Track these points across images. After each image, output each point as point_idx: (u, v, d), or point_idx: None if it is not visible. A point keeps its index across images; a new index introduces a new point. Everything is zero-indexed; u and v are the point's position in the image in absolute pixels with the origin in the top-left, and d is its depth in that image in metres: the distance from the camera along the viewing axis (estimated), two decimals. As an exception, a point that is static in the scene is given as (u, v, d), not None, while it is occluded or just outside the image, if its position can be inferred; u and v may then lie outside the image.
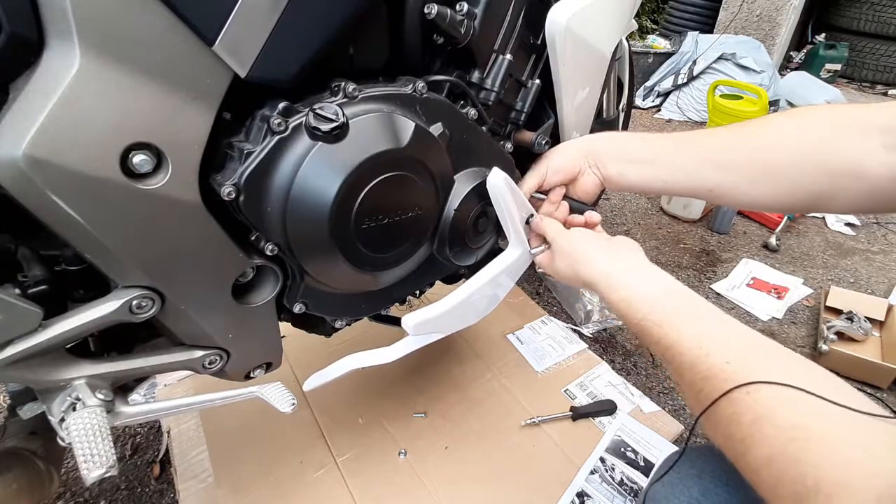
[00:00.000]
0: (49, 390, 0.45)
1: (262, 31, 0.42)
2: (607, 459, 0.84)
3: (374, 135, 0.52)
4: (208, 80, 0.41)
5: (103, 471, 0.41)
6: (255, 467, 0.81)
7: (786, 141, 0.53)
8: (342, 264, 0.55)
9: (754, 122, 0.56)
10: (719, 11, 3.02)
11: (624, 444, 0.87)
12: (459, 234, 0.67)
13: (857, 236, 1.62)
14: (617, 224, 1.63)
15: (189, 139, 0.41)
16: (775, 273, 1.41)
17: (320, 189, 0.49)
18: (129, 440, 0.92)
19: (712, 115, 2.15)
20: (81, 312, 0.41)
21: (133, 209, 0.39)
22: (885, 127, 0.46)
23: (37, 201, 0.35)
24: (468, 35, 0.61)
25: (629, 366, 1.09)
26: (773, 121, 0.55)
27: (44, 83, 0.34)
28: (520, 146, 0.79)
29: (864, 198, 0.49)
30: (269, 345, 0.58)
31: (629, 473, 0.82)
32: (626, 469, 0.82)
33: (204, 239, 0.45)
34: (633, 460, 0.84)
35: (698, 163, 0.58)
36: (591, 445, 0.87)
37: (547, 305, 1.25)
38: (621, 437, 0.88)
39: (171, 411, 0.53)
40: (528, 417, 0.90)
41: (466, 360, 1.03)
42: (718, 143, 0.58)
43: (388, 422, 0.89)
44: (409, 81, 0.56)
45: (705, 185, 0.57)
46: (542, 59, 0.76)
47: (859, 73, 3.18)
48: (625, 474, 0.81)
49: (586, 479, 0.80)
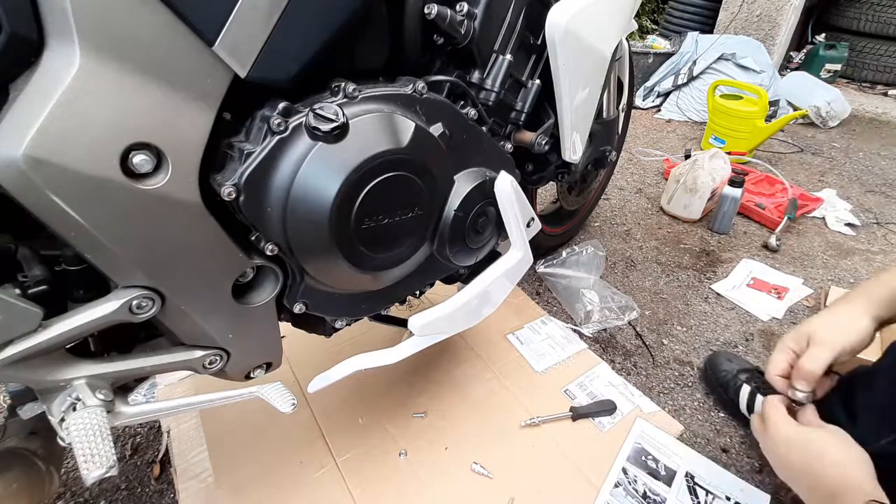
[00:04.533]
0: (49, 390, 0.45)
1: (262, 32, 0.42)
2: (629, 471, 0.83)
3: (375, 135, 0.52)
4: (208, 80, 0.41)
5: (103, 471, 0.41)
6: (255, 467, 0.81)
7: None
8: (342, 264, 0.55)
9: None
10: (719, 11, 3.02)
11: (644, 451, 0.86)
12: (459, 235, 0.67)
13: (857, 236, 1.62)
14: (617, 224, 1.63)
15: (189, 139, 0.41)
16: (775, 273, 1.41)
17: (320, 189, 0.49)
18: (129, 440, 0.92)
19: (712, 115, 2.15)
20: (81, 312, 0.41)
21: (133, 209, 0.39)
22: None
23: (37, 201, 0.35)
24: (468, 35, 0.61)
25: (629, 366, 1.09)
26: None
27: (44, 83, 0.34)
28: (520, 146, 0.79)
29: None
30: (269, 345, 0.59)
31: (651, 485, 0.81)
32: (648, 481, 0.81)
33: (204, 239, 0.45)
34: (655, 470, 0.83)
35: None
36: (592, 446, 0.87)
37: (547, 305, 1.25)
38: (641, 445, 0.87)
39: (171, 411, 0.53)
40: (527, 417, 0.90)
41: (466, 360, 1.03)
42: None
43: (388, 422, 0.89)
44: (409, 81, 0.56)
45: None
46: (542, 59, 0.76)
47: (859, 74, 3.18)
48: (648, 486, 0.81)
49: (611, 493, 0.80)
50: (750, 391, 0.93)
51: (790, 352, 0.63)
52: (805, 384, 0.60)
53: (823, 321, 0.62)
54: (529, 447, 0.86)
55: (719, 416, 0.98)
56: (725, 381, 0.98)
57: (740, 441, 0.93)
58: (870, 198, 1.87)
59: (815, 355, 0.60)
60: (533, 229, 0.75)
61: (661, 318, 1.23)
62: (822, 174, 2.06)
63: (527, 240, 0.70)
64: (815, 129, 2.54)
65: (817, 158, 2.21)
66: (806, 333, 0.62)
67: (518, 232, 0.68)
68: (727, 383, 0.98)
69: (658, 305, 1.27)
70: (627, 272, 1.40)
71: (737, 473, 0.85)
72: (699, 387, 1.04)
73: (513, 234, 0.68)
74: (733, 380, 0.97)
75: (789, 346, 0.63)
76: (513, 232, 0.68)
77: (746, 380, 0.95)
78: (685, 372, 1.08)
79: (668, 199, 1.67)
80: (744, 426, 0.96)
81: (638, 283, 1.36)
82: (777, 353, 0.64)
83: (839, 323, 0.61)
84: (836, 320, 0.62)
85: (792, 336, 0.64)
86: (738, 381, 0.96)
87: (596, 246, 1.36)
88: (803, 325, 0.64)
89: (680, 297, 1.31)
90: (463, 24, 0.59)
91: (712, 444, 0.92)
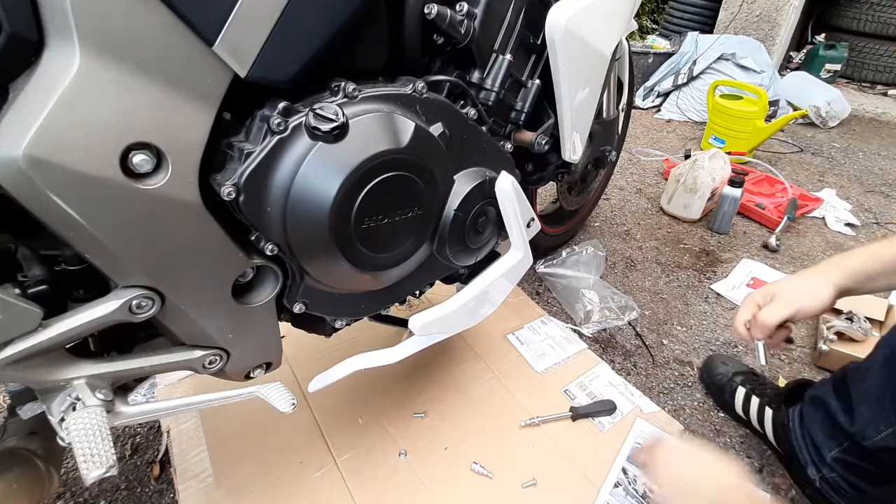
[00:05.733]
0: (49, 390, 0.45)
1: (262, 32, 0.42)
2: (629, 470, 0.83)
3: (374, 135, 0.52)
4: (208, 80, 0.41)
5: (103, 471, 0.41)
6: (254, 467, 0.81)
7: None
8: (342, 264, 0.55)
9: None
10: (719, 11, 3.02)
11: None
12: (459, 234, 0.67)
13: (856, 236, 1.62)
14: (617, 224, 1.63)
15: (189, 139, 0.41)
16: (775, 273, 1.41)
17: (320, 189, 0.49)
18: (129, 440, 0.92)
19: (712, 115, 2.15)
20: (81, 312, 0.41)
21: (133, 209, 0.39)
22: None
23: (37, 201, 0.35)
24: (468, 35, 0.61)
25: (629, 366, 1.09)
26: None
27: (44, 83, 0.34)
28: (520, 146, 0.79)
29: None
30: (269, 345, 0.59)
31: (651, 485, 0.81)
32: (647, 481, 0.82)
33: (204, 239, 0.45)
34: None
35: None
36: (592, 446, 0.87)
37: (547, 305, 1.25)
38: (641, 445, 0.87)
39: (171, 411, 0.53)
40: (527, 417, 0.90)
41: (466, 360, 1.03)
42: None
43: (387, 422, 0.89)
44: (409, 81, 0.56)
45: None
46: (542, 59, 0.76)
47: (859, 74, 3.18)
48: (647, 486, 0.80)
49: (610, 493, 0.79)
50: (745, 393, 0.94)
51: (756, 306, 0.70)
52: (759, 332, 0.69)
53: (789, 283, 0.71)
54: (529, 447, 0.86)
55: (719, 416, 0.98)
56: (721, 383, 0.99)
57: (740, 441, 0.93)
58: (870, 198, 1.88)
59: (772, 311, 0.68)
60: (533, 229, 0.75)
61: (660, 318, 1.23)
62: (821, 174, 2.06)
63: (527, 240, 0.70)
64: (814, 129, 2.54)
65: (817, 158, 2.21)
66: (771, 292, 0.70)
67: (518, 232, 0.68)
68: (723, 386, 0.98)
69: (658, 305, 1.27)
70: (627, 272, 1.40)
71: (737, 473, 0.85)
72: (699, 387, 1.04)
73: (513, 234, 0.68)
74: (729, 382, 0.97)
75: (756, 300, 0.71)
76: (513, 232, 0.68)
77: (742, 382, 0.95)
78: (685, 372, 1.08)
79: (668, 199, 1.67)
80: (742, 426, 0.96)
81: (638, 283, 1.36)
82: (743, 307, 0.72)
83: (802, 286, 0.68)
84: (800, 283, 0.69)
85: (759, 293, 0.72)
86: (733, 384, 0.96)
87: (596, 246, 1.36)
88: (772, 284, 0.72)
89: (680, 297, 1.31)
90: (463, 24, 0.59)
91: (712, 443, 0.92)
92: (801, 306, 0.66)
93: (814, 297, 0.66)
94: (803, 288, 0.68)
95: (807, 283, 0.68)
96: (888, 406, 0.67)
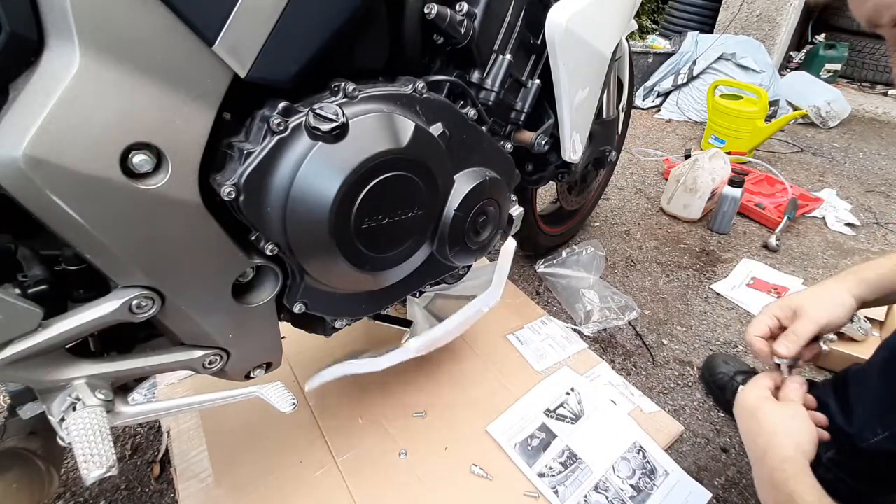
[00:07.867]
0: (49, 390, 0.45)
1: (262, 32, 0.42)
2: (627, 469, 0.84)
3: (374, 135, 0.52)
4: (208, 80, 0.41)
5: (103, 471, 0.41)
6: (254, 467, 0.81)
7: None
8: (342, 264, 0.55)
9: None
10: (719, 11, 3.02)
11: (643, 451, 0.87)
12: (459, 234, 0.67)
13: (857, 236, 1.62)
14: (617, 224, 1.63)
15: (189, 139, 0.41)
16: (775, 273, 1.41)
17: (320, 189, 0.49)
18: (129, 440, 0.92)
19: (712, 115, 2.15)
20: (81, 312, 0.41)
21: (133, 209, 0.39)
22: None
23: (37, 201, 0.35)
24: (468, 35, 0.61)
25: (629, 366, 1.09)
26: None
27: (44, 83, 0.34)
28: (520, 146, 0.79)
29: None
30: (269, 345, 0.59)
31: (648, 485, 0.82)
32: (647, 481, 0.82)
33: (204, 239, 0.45)
34: (652, 469, 0.85)
35: None
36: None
37: (547, 305, 1.25)
38: (641, 445, 0.88)
39: (171, 411, 0.53)
40: (528, 417, 0.90)
41: (466, 359, 1.03)
42: None
43: (387, 422, 0.89)
44: (409, 81, 0.56)
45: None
46: (542, 59, 0.76)
47: (859, 73, 3.18)
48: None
49: (609, 491, 0.80)
50: None
51: (774, 319, 0.65)
52: (786, 349, 0.63)
53: (812, 296, 0.65)
54: (529, 447, 0.86)
55: (719, 416, 0.98)
56: (723, 383, 0.99)
57: (740, 441, 0.93)
58: (870, 198, 1.87)
59: (798, 329, 0.62)
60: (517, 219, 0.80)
61: (661, 318, 1.23)
62: (821, 174, 2.06)
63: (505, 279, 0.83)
64: (815, 129, 2.54)
65: (817, 158, 2.21)
66: (792, 306, 0.65)
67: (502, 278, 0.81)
68: (724, 385, 0.98)
69: (658, 305, 1.27)
70: (627, 272, 1.40)
71: (737, 473, 0.85)
72: (699, 387, 1.04)
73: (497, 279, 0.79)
74: (730, 382, 0.97)
75: (774, 313, 0.65)
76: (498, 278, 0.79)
77: (743, 381, 0.95)
78: (685, 372, 1.08)
79: (668, 199, 1.67)
80: (744, 426, 0.96)
81: (638, 283, 1.36)
82: (760, 317, 0.66)
83: (827, 298, 0.64)
84: (824, 295, 0.64)
85: (778, 305, 0.66)
86: (734, 383, 0.96)
87: (596, 246, 1.36)
88: (791, 297, 0.66)
89: (680, 297, 1.31)
90: (463, 24, 0.59)
91: (712, 443, 0.92)
92: (830, 319, 0.62)
93: (841, 308, 0.62)
94: (829, 300, 0.63)
95: (829, 296, 0.64)
96: (886, 409, 0.67)
